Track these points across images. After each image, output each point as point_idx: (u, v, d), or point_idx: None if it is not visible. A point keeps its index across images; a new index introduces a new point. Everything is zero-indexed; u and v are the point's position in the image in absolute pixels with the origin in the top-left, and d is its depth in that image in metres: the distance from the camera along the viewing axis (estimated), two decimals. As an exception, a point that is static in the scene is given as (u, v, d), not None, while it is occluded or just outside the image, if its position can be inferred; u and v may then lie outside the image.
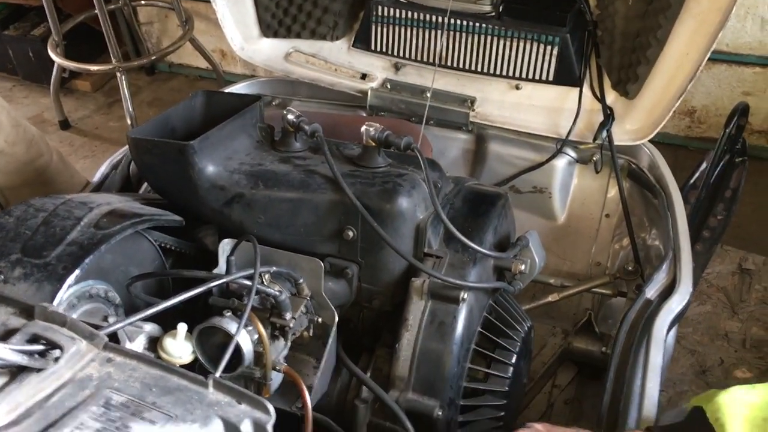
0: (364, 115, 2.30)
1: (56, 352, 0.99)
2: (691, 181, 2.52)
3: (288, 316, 1.32)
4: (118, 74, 3.57)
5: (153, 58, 3.91)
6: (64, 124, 4.04)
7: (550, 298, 1.84)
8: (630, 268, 1.83)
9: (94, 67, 3.70)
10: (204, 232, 1.64)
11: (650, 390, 1.41)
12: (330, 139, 1.56)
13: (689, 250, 1.69)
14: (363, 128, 1.51)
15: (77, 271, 1.18)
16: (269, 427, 0.94)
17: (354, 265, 1.48)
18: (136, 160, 1.49)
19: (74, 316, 1.30)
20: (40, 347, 1.00)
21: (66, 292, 1.19)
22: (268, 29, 2.33)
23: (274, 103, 2.41)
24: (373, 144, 1.51)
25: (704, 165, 2.52)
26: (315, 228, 1.47)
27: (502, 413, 1.47)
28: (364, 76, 2.31)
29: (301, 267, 1.40)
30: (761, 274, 2.50)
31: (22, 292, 1.16)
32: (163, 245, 1.53)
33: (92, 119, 4.18)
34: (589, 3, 2.02)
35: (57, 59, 3.62)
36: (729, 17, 1.70)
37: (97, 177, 2.05)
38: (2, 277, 1.17)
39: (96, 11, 3.35)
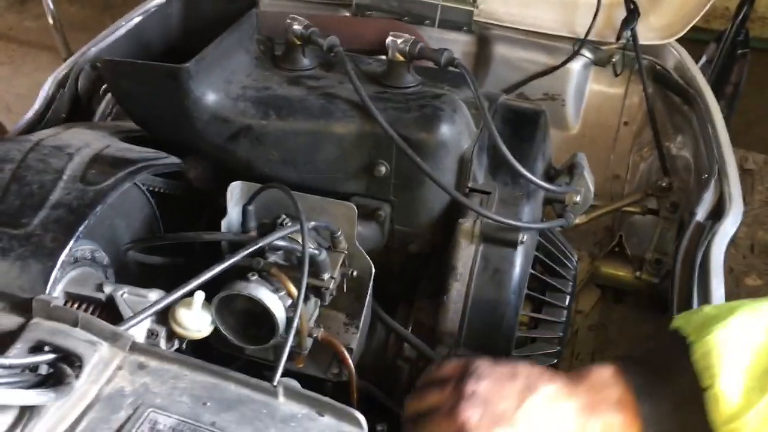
0: (347, 14, 2.01)
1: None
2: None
3: (326, 276, 1.11)
4: (34, -35, 3.09)
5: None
6: (-28, 26, 3.53)
7: (577, 221, 1.67)
8: (663, 183, 1.68)
9: (3, -43, 3.19)
10: (187, 164, 1.38)
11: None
12: (347, 53, 1.29)
13: (735, 164, 1.55)
14: (389, 40, 1.26)
15: (71, 243, 0.92)
16: (361, 443, 0.75)
17: (386, 205, 1.26)
18: (111, 87, 1.20)
19: (60, 286, 1.05)
20: (48, 356, 0.77)
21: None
22: None
23: None
24: (402, 59, 1.26)
25: (704, 58, 2.36)
26: (339, 164, 1.23)
27: (555, 360, 1.34)
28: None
29: (331, 213, 1.18)
30: (763, 174, 2.42)
31: (2, 273, 0.90)
32: (150, 189, 1.27)
33: (4, 18, 3.67)
34: None
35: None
36: None
37: (40, 99, 1.72)
38: (-29, 256, 0.91)
39: None
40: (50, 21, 3.17)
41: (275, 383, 0.77)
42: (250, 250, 0.98)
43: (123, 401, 0.75)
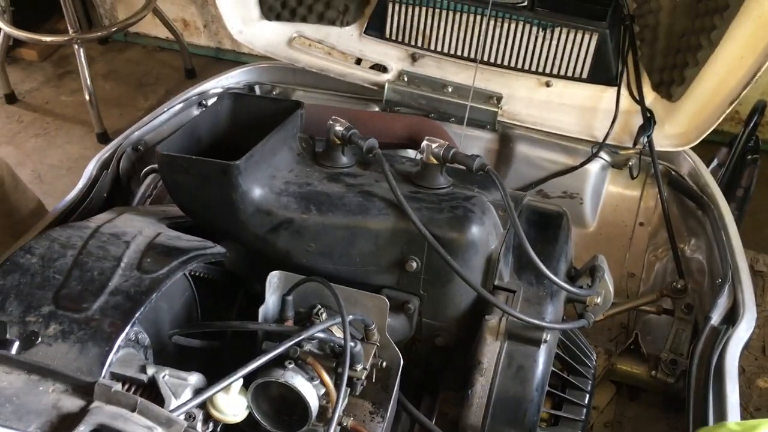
0: (377, 108, 2.12)
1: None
2: (703, 179, 2.45)
3: (359, 367, 1.16)
4: (75, 46, 3.25)
5: (114, 30, 3.57)
6: (11, 98, 3.68)
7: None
8: (678, 285, 1.73)
9: (48, 38, 3.36)
10: (225, 248, 1.46)
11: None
12: (384, 151, 1.38)
13: (748, 270, 1.61)
14: (424, 143, 1.34)
15: (127, 328, 0.98)
16: None
17: (415, 299, 1.32)
18: (165, 179, 1.28)
19: (106, 367, 1.11)
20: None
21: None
22: (270, 11, 2.11)
23: (274, 93, 2.20)
24: (436, 162, 1.35)
25: (715, 161, 2.45)
26: (373, 258, 1.30)
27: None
28: (375, 66, 2.13)
29: (364, 305, 1.24)
30: (773, 276, 2.47)
31: (62, 354, 0.96)
32: (192, 273, 1.34)
33: (41, 92, 3.82)
34: (625, -5, 1.89)
35: (5, 27, 3.27)
36: (795, 23, 1.59)
37: (84, 179, 1.82)
38: (35, 335, 0.97)
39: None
40: (86, 97, 3.32)
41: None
42: (294, 341, 1.04)
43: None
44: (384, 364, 1.25)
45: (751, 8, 1.65)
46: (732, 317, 1.52)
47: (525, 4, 1.88)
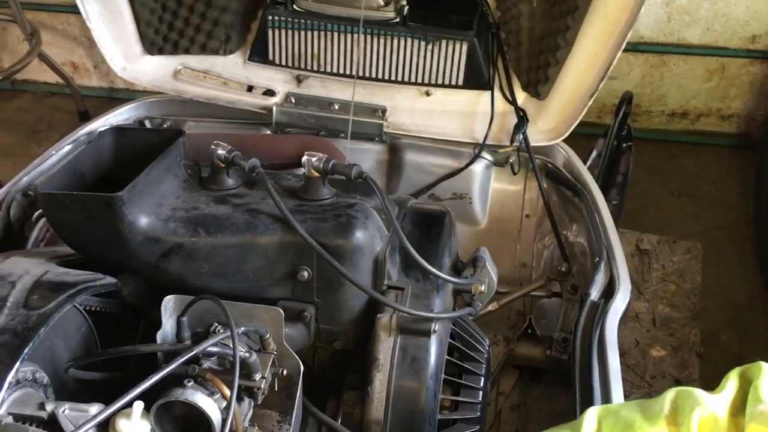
0: (268, 132, 2.18)
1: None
2: (585, 169, 2.61)
3: (258, 377, 1.20)
4: (-41, 98, 3.17)
5: (0, 78, 3.49)
6: None
7: (489, 308, 1.82)
8: (563, 269, 1.85)
9: (-72, 92, 3.26)
10: (120, 282, 1.47)
11: (616, 397, 1.42)
12: (267, 171, 1.44)
13: (621, 247, 1.74)
14: (304, 158, 1.41)
15: (17, 365, 1.00)
16: None
17: (311, 307, 1.38)
18: (49, 218, 1.30)
19: (3, 408, 1.11)
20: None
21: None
22: (152, 46, 2.14)
23: (165, 126, 2.22)
24: (317, 175, 1.41)
25: (594, 152, 2.62)
26: (265, 272, 1.35)
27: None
28: (259, 90, 2.19)
29: (260, 317, 1.29)
30: (657, 253, 2.65)
31: (-49, 397, 0.96)
32: (87, 308, 1.35)
33: (-74, 149, 3.71)
34: (489, 5, 2.02)
35: None
36: (637, 16, 1.74)
37: (-26, 229, 1.79)
38: None
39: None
40: (-25, 150, 3.24)
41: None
42: (185, 358, 1.08)
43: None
44: (285, 372, 1.30)
45: (597, 7, 1.80)
46: (609, 291, 1.64)
47: (397, 20, 1.99)
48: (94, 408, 1.14)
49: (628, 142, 2.62)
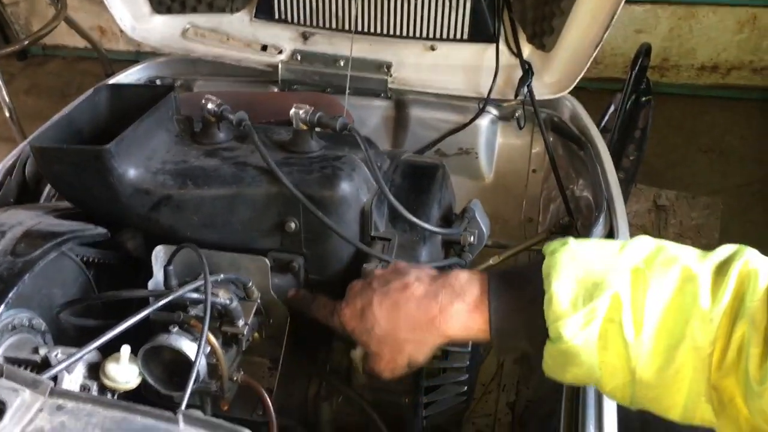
0: (276, 90, 2.19)
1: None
2: (602, 124, 2.58)
3: (241, 323, 1.24)
4: (-11, 64, 3.26)
5: (26, 43, 3.57)
6: (-68, 122, 3.67)
7: (491, 261, 1.82)
8: (564, 221, 1.84)
9: (-41, 58, 3.36)
10: (124, 236, 1.52)
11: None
12: (257, 125, 1.45)
13: (622, 199, 1.71)
14: (292, 111, 1.42)
15: (1, 308, 1.05)
16: (253, 459, 0.87)
17: (299, 258, 1.40)
18: (44, 171, 1.34)
19: (-1, 353, 1.17)
20: (-25, 405, 0.89)
21: (-9, 333, 1.05)
22: (159, 5, 2.16)
23: (176, 85, 2.25)
24: (305, 127, 1.42)
25: (612, 107, 2.57)
26: (254, 223, 1.37)
27: (465, 387, 1.46)
28: (269, 48, 2.20)
29: (246, 267, 1.32)
30: (675, 209, 2.60)
31: (-61, 339, 1.02)
32: (84, 259, 1.39)
33: (-39, 113, 3.82)
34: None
35: None
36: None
37: (-14, 188, 1.86)
38: None
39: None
40: (6, 113, 3.33)
41: (176, 412, 0.89)
42: (164, 301, 1.11)
43: (43, 438, 0.87)
44: (272, 320, 1.34)
45: (601, -46, 1.75)
46: (608, 243, 1.62)
47: (401, -28, 1.97)
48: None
49: (647, 95, 2.57)
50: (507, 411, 1.76)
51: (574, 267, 1.00)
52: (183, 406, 0.91)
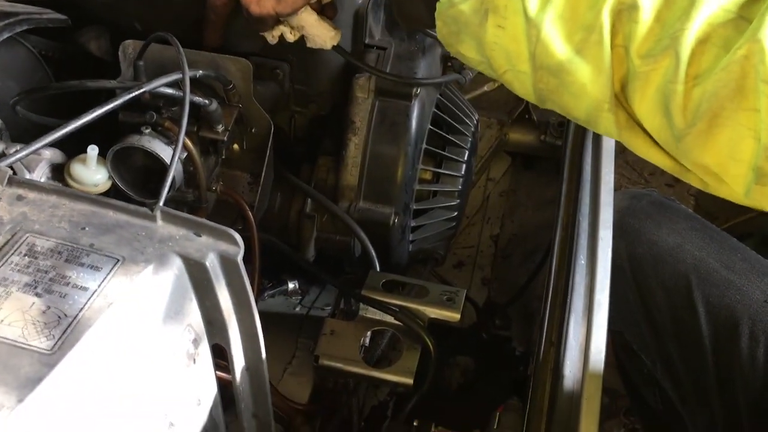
0: None
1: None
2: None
3: (221, 128, 1.13)
4: None
5: None
6: None
7: (485, 88, 1.71)
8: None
9: None
10: (88, 34, 1.36)
11: (606, 176, 1.34)
12: None
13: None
14: None
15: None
16: (239, 260, 0.79)
17: (284, 64, 1.27)
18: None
19: (-49, 149, 1.05)
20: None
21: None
22: None
23: None
24: None
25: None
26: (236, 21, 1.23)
27: (455, 213, 1.40)
28: None
29: (226, 68, 1.18)
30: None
31: None
32: (43, 53, 1.25)
33: None
34: None
35: None
36: None
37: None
38: None
39: None
40: None
41: (154, 209, 0.80)
42: (135, 93, 0.99)
43: (1, 228, 0.77)
44: (254, 130, 1.22)
45: None
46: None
47: None
48: (48, 152, 1.08)
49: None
50: (490, 243, 1.72)
51: None
52: (161, 202, 0.81)
